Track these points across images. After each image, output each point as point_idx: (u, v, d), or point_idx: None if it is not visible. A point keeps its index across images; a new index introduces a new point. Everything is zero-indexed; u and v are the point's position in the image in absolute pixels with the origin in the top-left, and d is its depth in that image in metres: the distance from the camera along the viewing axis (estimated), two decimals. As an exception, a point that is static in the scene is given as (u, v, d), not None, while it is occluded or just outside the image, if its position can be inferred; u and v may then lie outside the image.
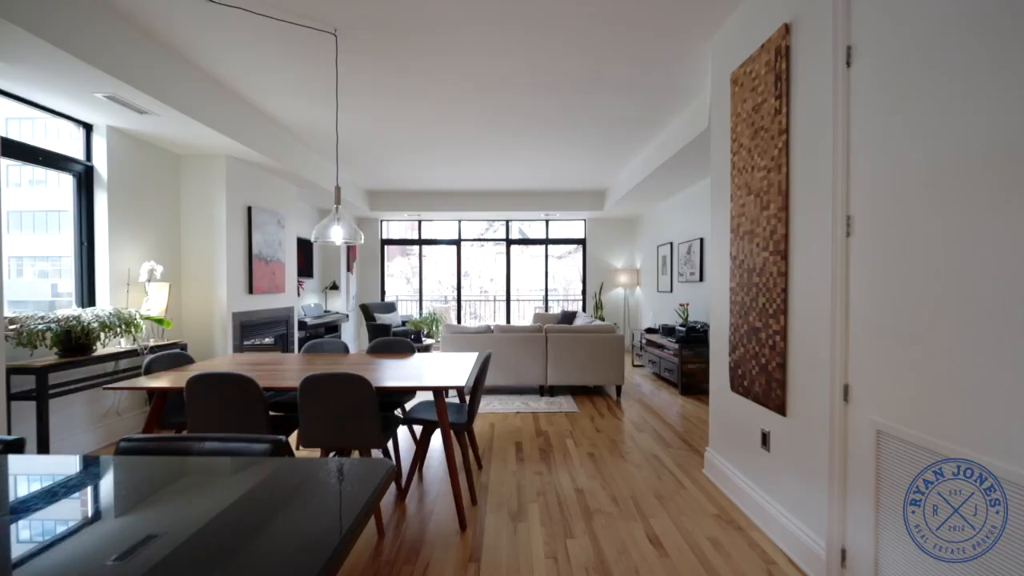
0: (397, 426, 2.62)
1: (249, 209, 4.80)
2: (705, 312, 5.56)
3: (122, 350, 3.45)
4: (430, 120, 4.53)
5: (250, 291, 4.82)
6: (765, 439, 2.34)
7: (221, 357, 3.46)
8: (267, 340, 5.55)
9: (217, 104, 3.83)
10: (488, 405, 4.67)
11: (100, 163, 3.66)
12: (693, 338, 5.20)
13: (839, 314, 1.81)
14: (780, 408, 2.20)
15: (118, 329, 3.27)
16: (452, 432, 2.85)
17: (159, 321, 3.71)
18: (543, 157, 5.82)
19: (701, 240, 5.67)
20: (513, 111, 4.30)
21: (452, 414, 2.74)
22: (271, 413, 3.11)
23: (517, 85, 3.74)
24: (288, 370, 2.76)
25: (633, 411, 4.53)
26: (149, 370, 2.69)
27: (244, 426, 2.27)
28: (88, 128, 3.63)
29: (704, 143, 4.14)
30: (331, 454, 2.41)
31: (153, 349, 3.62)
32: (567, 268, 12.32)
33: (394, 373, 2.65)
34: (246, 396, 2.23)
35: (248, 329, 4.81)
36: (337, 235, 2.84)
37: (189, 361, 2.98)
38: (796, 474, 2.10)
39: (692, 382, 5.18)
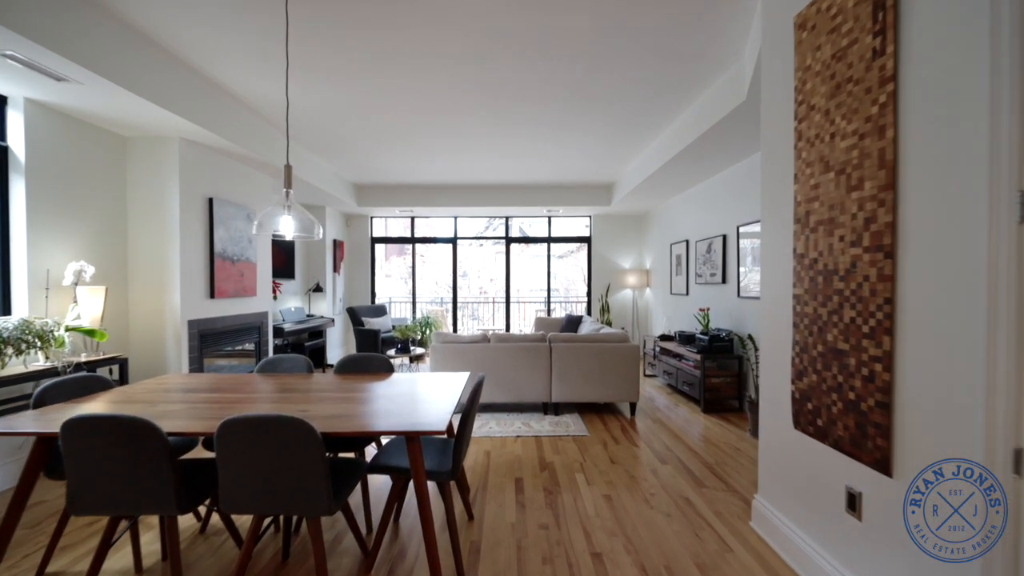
0: (361, 476, 2.01)
1: (210, 201, 4.19)
2: (728, 317, 4.95)
3: (39, 368, 2.84)
4: (418, 101, 3.91)
5: (211, 295, 4.20)
6: (854, 501, 1.73)
7: (170, 375, 2.86)
8: (248, 346, 4.95)
9: (163, 75, 3.22)
10: (484, 426, 4.06)
11: (16, 142, 3.04)
12: (717, 348, 4.59)
13: (1005, 340, 1.20)
14: (881, 464, 1.58)
15: (24, 344, 2.65)
16: (434, 483, 2.25)
17: (89, 333, 3.10)
18: (545, 146, 5.20)
19: (723, 237, 5.05)
20: (513, 87, 3.68)
21: (433, 457, 2.13)
22: (209, 455, 2.50)
23: (518, 53, 3.13)
24: (233, 400, 2.14)
25: (651, 434, 3.91)
26: (41, 402, 2.08)
27: (142, 486, 1.65)
28: (2, 101, 3.02)
29: (737, 121, 3.53)
30: (266, 522, 1.81)
31: (80, 367, 3.01)
32: (569, 268, 11.70)
33: (357, 407, 2.03)
34: (144, 445, 1.62)
35: (209, 339, 4.20)
36: (287, 227, 2.23)
37: (105, 385, 2.37)
38: (910, 558, 1.49)
39: (716, 398, 4.57)
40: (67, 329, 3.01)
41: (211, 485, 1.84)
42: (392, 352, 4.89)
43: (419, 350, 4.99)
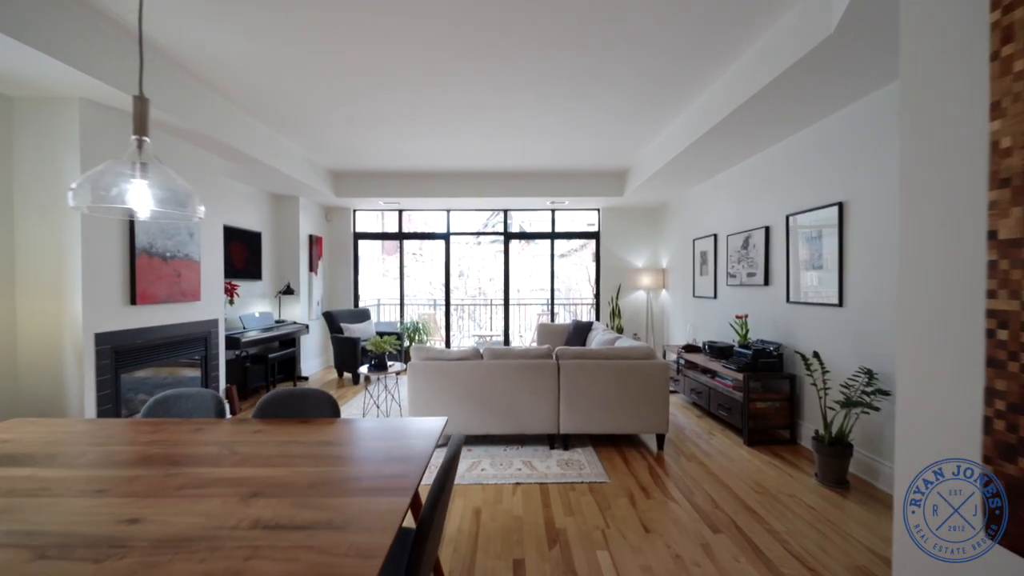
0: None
1: (130, 183, 3.33)
2: (772, 327, 4.08)
3: None
4: (388, 65, 3.05)
5: (132, 301, 3.35)
6: None
7: (11, 422, 2.00)
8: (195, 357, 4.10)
9: (47, 11, 2.37)
10: (475, 467, 3.20)
11: None
12: (762, 365, 3.73)
13: None
14: None
15: None
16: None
17: (-75, 355, 2.25)
18: (547, 124, 4.33)
19: (766, 230, 4.18)
20: (502, 46, 2.82)
21: None
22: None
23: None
24: (20, 486, 1.29)
25: (689, 480, 3.05)
26: None
27: None
28: None
29: (811, 71, 2.65)
30: None
31: (-94, 403, 2.16)
32: (571, 267, 10.82)
33: (236, 509, 1.16)
34: None
35: (129, 356, 3.34)
36: (140, 199, 1.37)
37: None
38: None
39: (761, 426, 3.70)
40: None
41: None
42: (365, 369, 4.03)
43: (397, 366, 4.14)
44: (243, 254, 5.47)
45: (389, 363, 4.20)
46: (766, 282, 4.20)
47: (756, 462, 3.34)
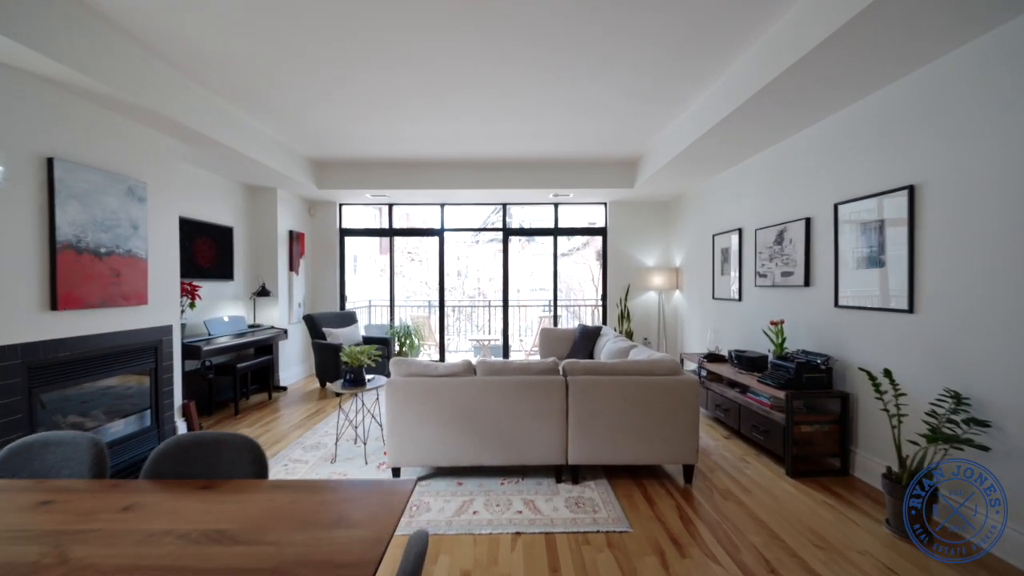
0: None
1: (50, 162, 2.75)
2: (815, 335, 3.50)
3: None
4: (379, 29, 2.48)
5: (53, 306, 2.77)
6: None
7: None
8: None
9: None
10: (466, 509, 2.62)
11: None
12: (808, 381, 3.15)
13: None
14: None
15: None
16: None
17: None
18: (552, 104, 3.74)
19: (807, 222, 3.60)
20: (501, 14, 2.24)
21: None
22: None
23: None
24: None
25: (730, 526, 2.47)
26: None
27: None
28: None
29: (859, 33, 2.07)
30: None
31: None
32: (573, 267, 10.25)
33: None
34: None
35: (47, 372, 2.76)
36: None
37: None
38: None
39: (806, 454, 3.12)
40: None
41: None
42: (339, 386, 3.44)
43: (378, 380, 3.56)
44: (211, 251, 4.89)
45: (369, 377, 3.61)
46: (806, 282, 3.61)
47: (807, 500, 2.76)
